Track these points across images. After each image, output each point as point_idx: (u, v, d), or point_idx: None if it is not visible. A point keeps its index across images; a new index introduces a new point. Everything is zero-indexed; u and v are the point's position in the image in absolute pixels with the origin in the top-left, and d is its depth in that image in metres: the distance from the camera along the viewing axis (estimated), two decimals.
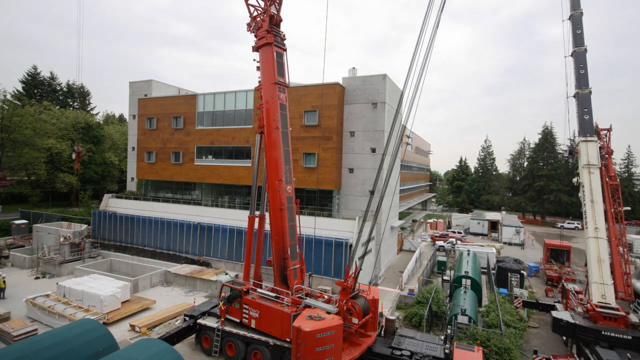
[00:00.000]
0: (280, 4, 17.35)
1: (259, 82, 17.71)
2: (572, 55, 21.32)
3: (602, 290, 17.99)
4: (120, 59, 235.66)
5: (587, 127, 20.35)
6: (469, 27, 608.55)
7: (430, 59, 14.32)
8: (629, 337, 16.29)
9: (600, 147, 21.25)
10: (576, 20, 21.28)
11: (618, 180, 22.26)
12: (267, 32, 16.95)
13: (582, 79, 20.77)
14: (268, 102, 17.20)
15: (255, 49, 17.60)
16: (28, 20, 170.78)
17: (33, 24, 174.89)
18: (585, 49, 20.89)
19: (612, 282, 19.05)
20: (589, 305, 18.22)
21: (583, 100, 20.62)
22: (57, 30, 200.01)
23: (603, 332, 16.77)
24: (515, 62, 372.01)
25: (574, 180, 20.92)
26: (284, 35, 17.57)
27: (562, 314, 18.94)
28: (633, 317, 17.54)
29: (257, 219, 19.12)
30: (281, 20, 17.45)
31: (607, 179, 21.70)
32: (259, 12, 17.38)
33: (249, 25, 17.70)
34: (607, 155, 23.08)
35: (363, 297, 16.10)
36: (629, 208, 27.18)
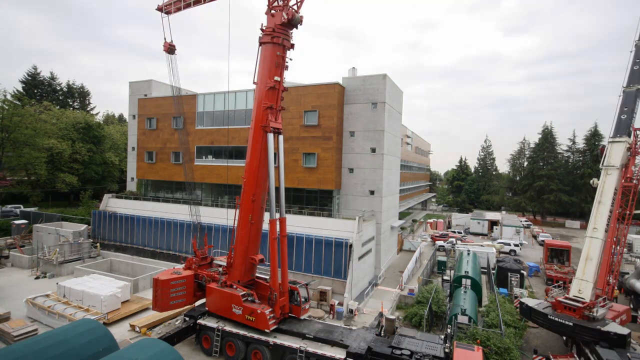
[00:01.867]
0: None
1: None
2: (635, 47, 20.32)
3: (580, 285, 18.66)
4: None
5: (620, 127, 19.71)
6: None
7: None
8: (570, 324, 17.58)
9: (627, 148, 19.96)
10: None
11: (634, 182, 20.53)
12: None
13: (634, 75, 20.01)
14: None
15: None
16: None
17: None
18: None
19: (597, 279, 19.24)
20: (556, 297, 19.54)
21: (626, 98, 19.97)
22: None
23: (549, 316, 18.38)
24: None
25: (591, 181, 20.61)
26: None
27: (529, 300, 20.47)
28: (599, 311, 17.91)
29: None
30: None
31: (622, 180, 20.53)
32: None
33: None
34: (630, 156, 20.96)
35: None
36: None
